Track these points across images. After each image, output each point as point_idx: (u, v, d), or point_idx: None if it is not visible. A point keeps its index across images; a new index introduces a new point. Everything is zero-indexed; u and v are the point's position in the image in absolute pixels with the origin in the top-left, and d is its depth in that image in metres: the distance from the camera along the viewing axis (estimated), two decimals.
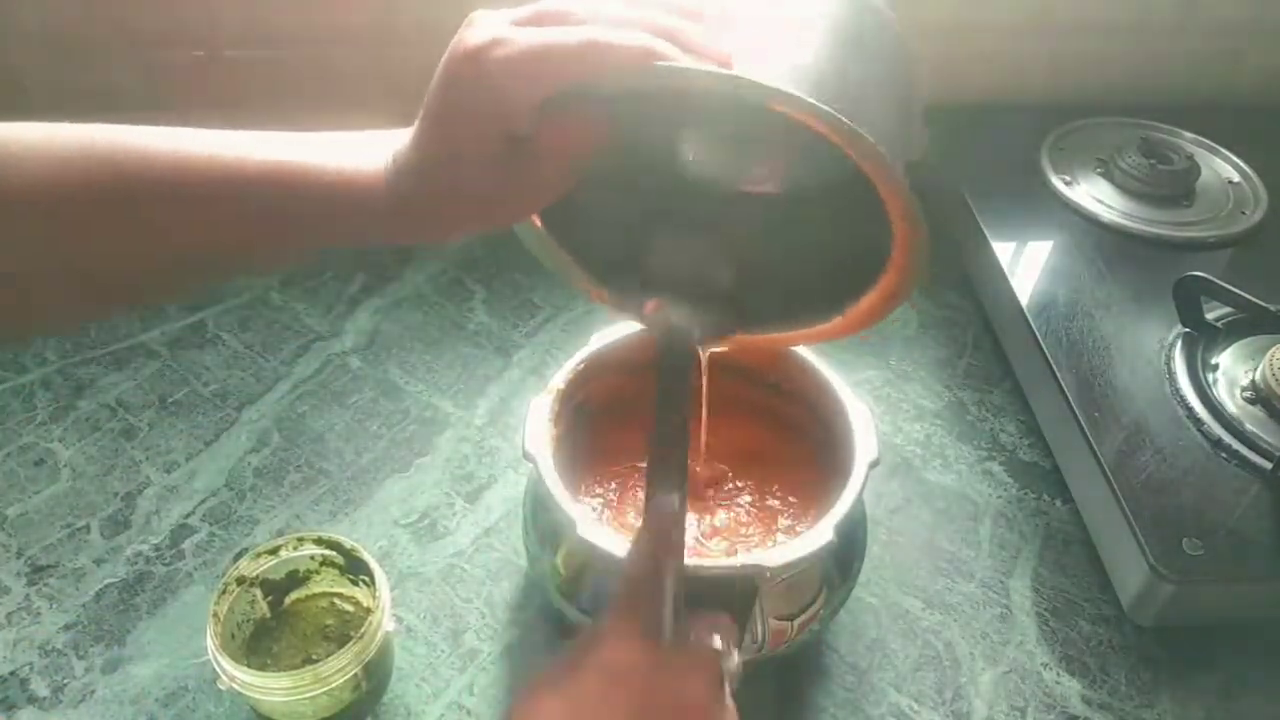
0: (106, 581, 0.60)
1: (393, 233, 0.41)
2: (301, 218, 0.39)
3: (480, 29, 0.36)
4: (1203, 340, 0.66)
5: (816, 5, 0.38)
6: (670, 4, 0.37)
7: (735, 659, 0.38)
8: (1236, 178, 0.81)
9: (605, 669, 0.35)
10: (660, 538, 0.39)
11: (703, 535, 0.55)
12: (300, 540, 0.55)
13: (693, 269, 0.48)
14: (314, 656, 0.54)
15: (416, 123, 0.38)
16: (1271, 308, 0.65)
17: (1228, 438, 0.60)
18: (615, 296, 0.50)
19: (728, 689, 0.37)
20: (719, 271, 0.48)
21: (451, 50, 0.36)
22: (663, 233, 0.48)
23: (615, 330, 0.57)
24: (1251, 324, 0.67)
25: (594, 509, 0.57)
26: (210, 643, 0.49)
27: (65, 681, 0.55)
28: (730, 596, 0.46)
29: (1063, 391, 0.64)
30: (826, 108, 0.32)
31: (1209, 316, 0.67)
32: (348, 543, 0.54)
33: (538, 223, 0.46)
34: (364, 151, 0.39)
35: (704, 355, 0.52)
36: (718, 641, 0.38)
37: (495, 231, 0.42)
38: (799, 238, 0.47)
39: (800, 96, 0.32)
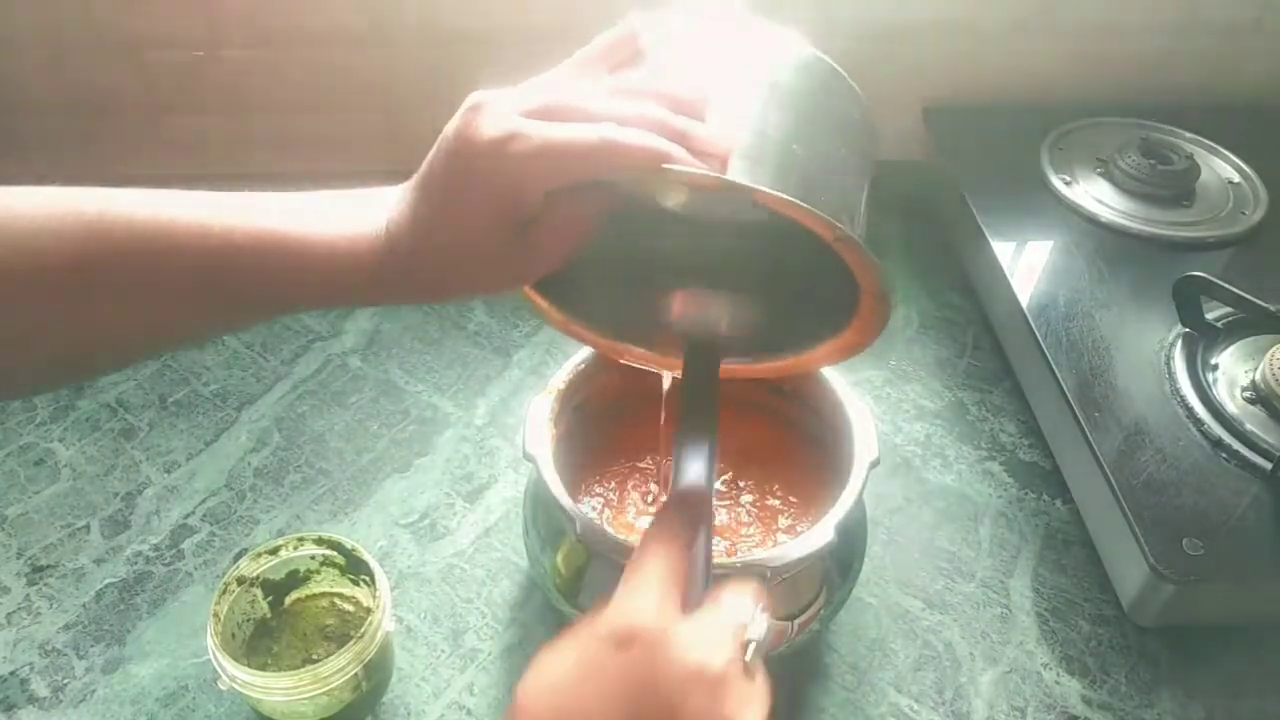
0: (106, 581, 0.60)
1: (382, 298, 0.41)
2: (289, 286, 0.39)
3: (492, 119, 0.36)
4: (1203, 340, 0.66)
5: (798, 83, 0.39)
6: (673, 95, 0.37)
7: (764, 625, 0.36)
8: (1236, 178, 0.81)
9: (613, 636, 0.34)
10: (692, 503, 0.39)
11: None
12: (300, 540, 0.55)
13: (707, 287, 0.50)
14: (314, 656, 0.54)
15: (412, 194, 0.38)
16: (1271, 308, 0.65)
17: (1228, 438, 0.60)
18: (621, 325, 0.51)
19: (752, 656, 0.35)
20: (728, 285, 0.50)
21: (461, 136, 0.36)
22: (653, 307, 0.50)
23: None
24: (1251, 324, 0.67)
25: (594, 509, 0.57)
26: (210, 642, 0.49)
27: (65, 681, 0.55)
28: None
29: (1063, 391, 0.64)
30: (824, 215, 0.36)
31: (1209, 316, 0.67)
32: (348, 543, 0.54)
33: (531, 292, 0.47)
34: (355, 217, 0.39)
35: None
36: (744, 608, 0.36)
37: None
38: (771, 280, 0.49)
39: (798, 203, 0.35)
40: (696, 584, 0.37)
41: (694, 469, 0.41)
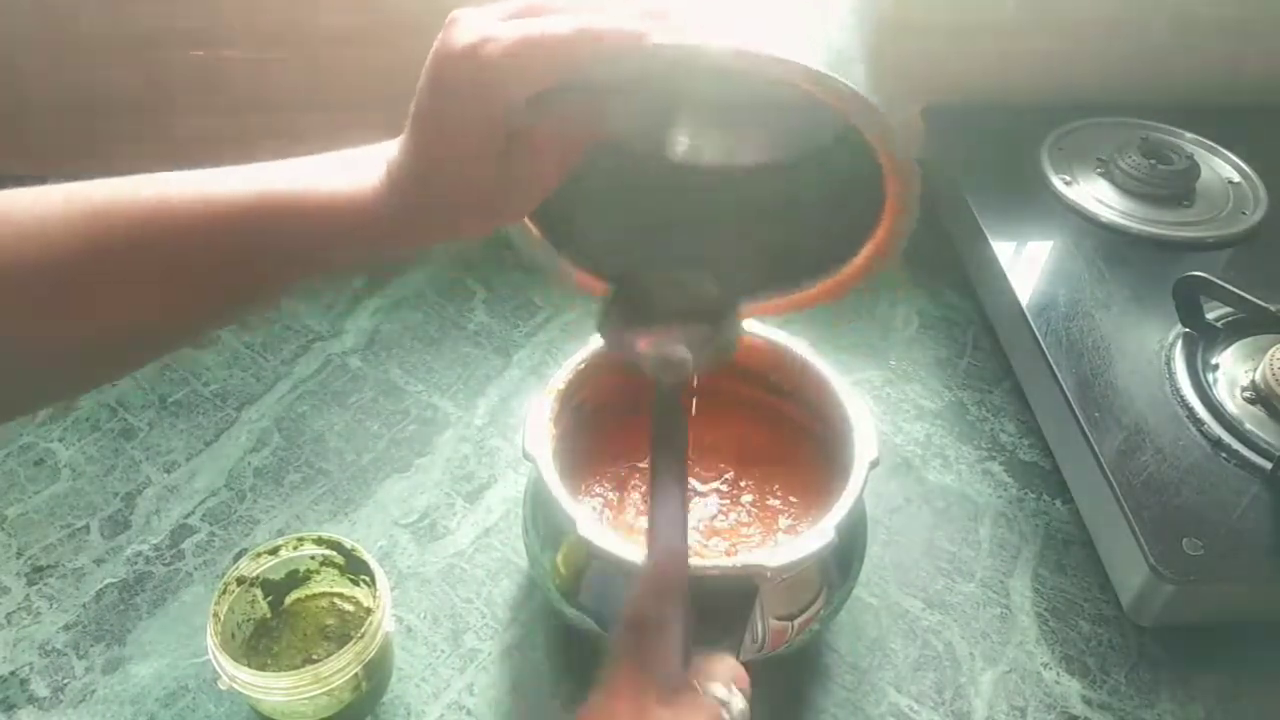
0: (106, 581, 0.60)
1: (392, 245, 0.41)
2: (300, 246, 0.38)
3: (466, 28, 0.35)
4: (1203, 340, 0.66)
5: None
6: None
7: (740, 703, 0.37)
8: (1236, 178, 0.81)
9: None
10: (666, 581, 0.39)
11: (703, 535, 0.55)
12: (300, 540, 0.55)
13: (687, 297, 0.48)
14: (314, 656, 0.54)
15: (407, 130, 0.38)
16: (1271, 308, 0.65)
17: (1228, 438, 0.60)
18: (607, 335, 0.49)
19: None
20: (712, 296, 0.49)
21: (438, 51, 0.36)
22: (655, 251, 0.49)
23: None
24: (1251, 324, 0.67)
25: (594, 509, 0.57)
26: (210, 643, 0.49)
27: (65, 681, 0.55)
28: (730, 597, 0.45)
29: (1063, 391, 0.64)
30: (829, 72, 0.34)
31: (1209, 316, 0.67)
32: (348, 543, 0.54)
33: (533, 228, 0.46)
34: (355, 168, 0.39)
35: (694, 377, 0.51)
36: (719, 689, 0.37)
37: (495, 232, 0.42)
38: (787, 207, 0.48)
39: (797, 61, 0.34)
40: (676, 665, 0.37)
41: (666, 533, 0.40)
